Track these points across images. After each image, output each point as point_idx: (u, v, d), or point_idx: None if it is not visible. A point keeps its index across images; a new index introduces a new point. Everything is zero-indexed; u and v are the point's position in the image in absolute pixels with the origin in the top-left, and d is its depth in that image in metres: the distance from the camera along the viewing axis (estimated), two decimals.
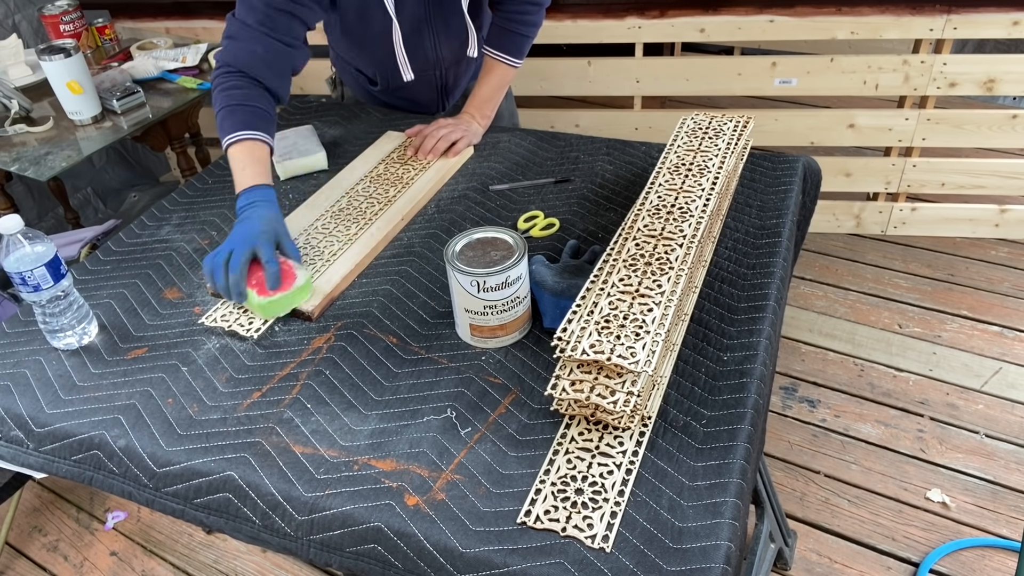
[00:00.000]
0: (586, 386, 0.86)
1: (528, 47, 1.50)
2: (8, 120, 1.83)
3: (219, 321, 1.09)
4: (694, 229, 1.04)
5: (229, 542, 1.79)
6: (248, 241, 1.07)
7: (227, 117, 1.18)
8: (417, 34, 1.42)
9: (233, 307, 1.11)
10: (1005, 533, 1.68)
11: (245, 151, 1.17)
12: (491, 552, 0.78)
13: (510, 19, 1.45)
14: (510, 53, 1.47)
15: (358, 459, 0.89)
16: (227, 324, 1.08)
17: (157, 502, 0.91)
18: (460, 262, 0.97)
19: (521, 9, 1.44)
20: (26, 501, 1.92)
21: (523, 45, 1.48)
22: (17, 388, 1.02)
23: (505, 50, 1.47)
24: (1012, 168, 2.38)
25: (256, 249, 1.07)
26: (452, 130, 1.42)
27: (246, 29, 1.20)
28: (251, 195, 1.14)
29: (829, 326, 2.24)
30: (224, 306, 1.11)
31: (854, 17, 2.17)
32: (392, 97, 1.61)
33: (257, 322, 1.08)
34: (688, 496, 0.82)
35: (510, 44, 1.47)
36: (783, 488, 1.80)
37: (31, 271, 0.99)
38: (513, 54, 1.47)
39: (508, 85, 1.53)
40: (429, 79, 1.54)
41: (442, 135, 1.40)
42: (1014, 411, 1.95)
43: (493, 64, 1.48)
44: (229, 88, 1.20)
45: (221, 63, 1.22)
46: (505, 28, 1.46)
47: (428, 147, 1.40)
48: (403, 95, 1.59)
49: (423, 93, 1.58)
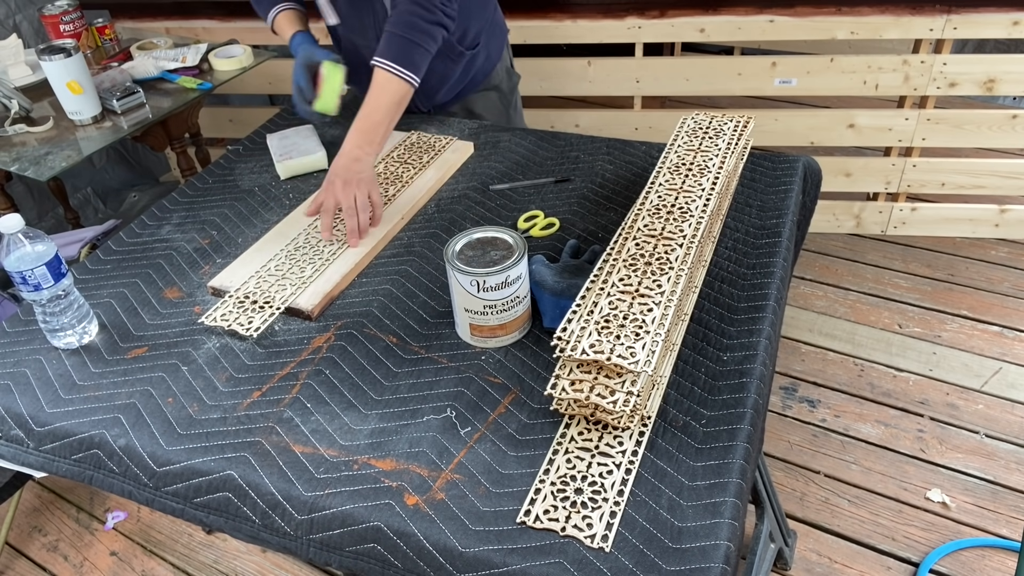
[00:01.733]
0: (586, 386, 0.86)
1: (422, 60, 1.30)
2: (8, 120, 1.83)
3: (219, 320, 1.09)
4: (694, 229, 1.04)
5: (229, 542, 1.79)
6: (295, 74, 1.42)
7: None
8: None
9: (232, 307, 1.11)
10: (1005, 533, 1.68)
11: (284, 17, 1.50)
12: (490, 552, 0.78)
13: (397, 21, 1.29)
14: (397, 61, 1.27)
15: (358, 458, 0.89)
16: (227, 323, 1.08)
17: (157, 501, 0.92)
18: (460, 262, 0.97)
19: (408, 9, 1.28)
20: (26, 501, 1.92)
21: (411, 52, 1.27)
22: (17, 387, 1.02)
23: (392, 58, 1.27)
24: (1012, 168, 2.38)
25: (294, 77, 1.41)
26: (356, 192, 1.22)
27: None
28: (291, 43, 1.47)
29: (829, 326, 2.24)
30: (224, 305, 1.11)
31: (854, 17, 2.17)
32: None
33: (257, 321, 1.08)
34: (687, 496, 0.82)
35: (398, 50, 1.27)
36: (783, 488, 1.81)
37: (32, 270, 0.99)
38: (402, 63, 1.27)
39: (402, 107, 1.30)
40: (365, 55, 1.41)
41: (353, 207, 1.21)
42: (1014, 411, 1.94)
43: (382, 77, 1.27)
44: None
45: None
46: (392, 32, 1.29)
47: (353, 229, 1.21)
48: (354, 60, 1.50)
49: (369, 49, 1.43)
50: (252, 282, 1.15)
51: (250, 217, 1.32)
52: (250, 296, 1.12)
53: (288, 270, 1.17)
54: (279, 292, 1.12)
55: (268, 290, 1.13)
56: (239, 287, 1.14)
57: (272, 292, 1.13)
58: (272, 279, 1.15)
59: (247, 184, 1.42)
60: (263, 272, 1.17)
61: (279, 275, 1.16)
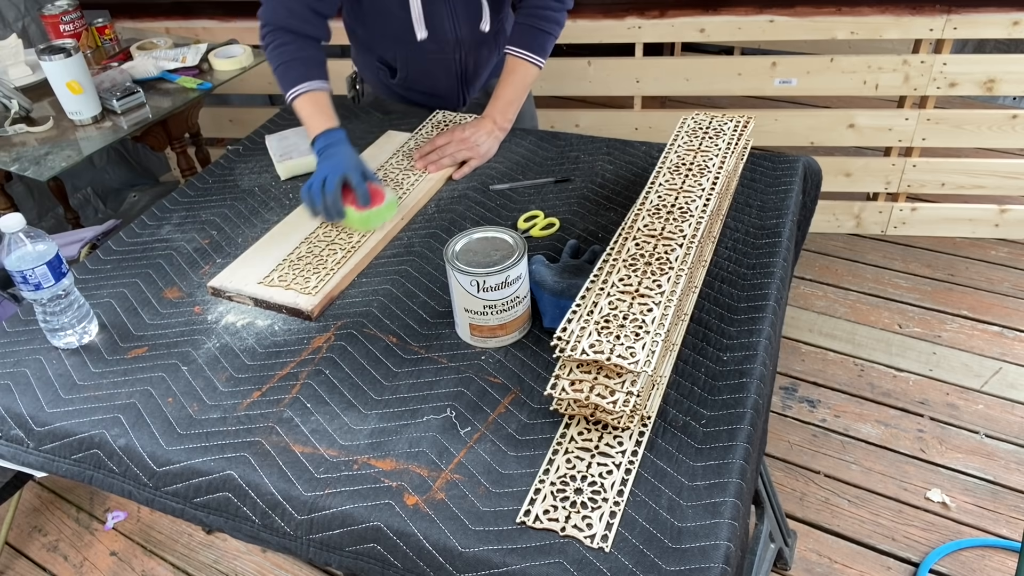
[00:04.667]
0: (585, 386, 0.86)
1: (551, 46, 1.48)
2: (8, 120, 1.83)
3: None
4: (694, 229, 1.04)
5: (229, 542, 1.79)
6: (338, 169, 1.21)
7: (284, 74, 1.33)
8: (434, 9, 1.43)
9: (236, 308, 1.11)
10: (1005, 533, 1.68)
11: (308, 102, 1.31)
12: (490, 552, 0.78)
13: (532, 15, 1.45)
14: (532, 51, 1.45)
15: (358, 458, 0.89)
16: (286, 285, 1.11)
17: (157, 501, 0.92)
18: (460, 262, 0.97)
19: (544, 4, 1.45)
20: (26, 501, 1.92)
21: (546, 43, 1.47)
22: (17, 387, 1.02)
23: (528, 47, 1.45)
24: (1012, 168, 2.38)
25: (346, 176, 1.20)
26: (465, 148, 1.40)
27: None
28: (328, 137, 1.28)
29: (829, 326, 2.24)
30: (224, 305, 1.11)
31: (854, 17, 2.17)
32: (411, 90, 1.59)
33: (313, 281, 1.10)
34: (687, 496, 0.82)
35: (532, 41, 1.45)
36: (783, 488, 1.81)
37: (32, 270, 0.99)
38: (536, 52, 1.46)
39: (530, 86, 1.51)
40: (448, 64, 1.52)
41: (450, 152, 1.39)
42: (1014, 411, 1.95)
43: (515, 63, 1.46)
44: (278, 46, 1.33)
45: (263, 21, 1.34)
46: (528, 25, 1.46)
47: (435, 160, 1.39)
48: (422, 87, 1.58)
49: (442, 81, 1.56)
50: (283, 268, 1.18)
51: (250, 217, 1.32)
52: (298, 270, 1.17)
53: (310, 262, 1.19)
54: (316, 273, 1.16)
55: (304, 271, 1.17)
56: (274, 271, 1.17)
57: (309, 274, 1.16)
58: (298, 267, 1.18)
59: (247, 184, 1.42)
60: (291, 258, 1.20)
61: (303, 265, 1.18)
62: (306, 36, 1.34)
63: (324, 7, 1.34)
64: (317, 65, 1.34)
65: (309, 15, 1.33)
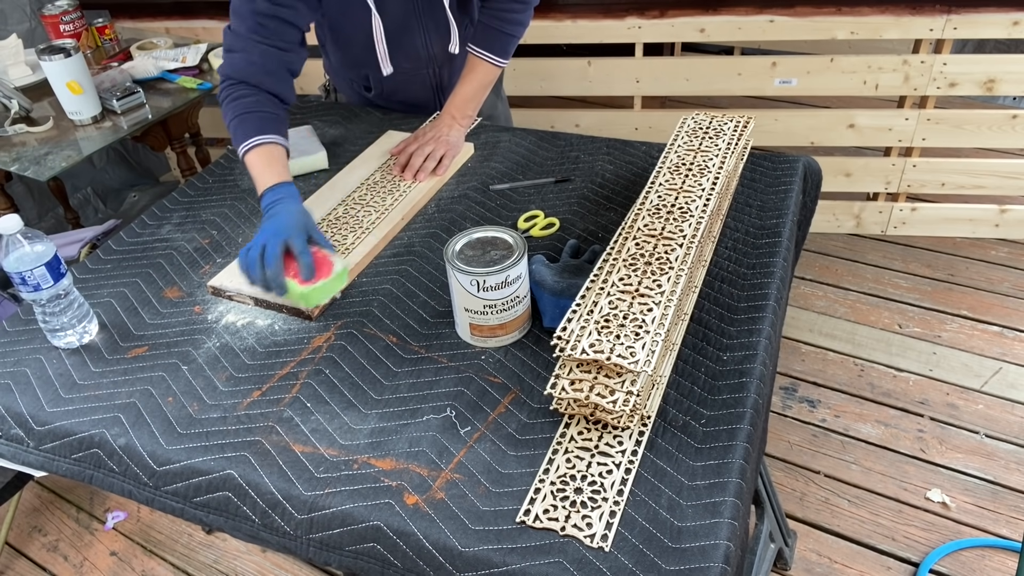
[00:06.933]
0: (585, 385, 0.86)
1: (513, 46, 1.47)
2: (8, 120, 1.83)
3: None
4: (694, 229, 1.04)
5: (229, 542, 1.79)
6: (279, 234, 1.07)
7: (238, 127, 1.20)
8: (406, 30, 1.42)
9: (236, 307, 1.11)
10: (1005, 533, 1.68)
11: (261, 155, 1.19)
12: (490, 551, 0.78)
13: (495, 16, 1.42)
14: (494, 52, 1.44)
15: (358, 458, 0.89)
16: None
17: (157, 501, 0.92)
18: (460, 261, 0.97)
19: (506, 7, 1.42)
20: (26, 501, 1.92)
21: (508, 44, 1.45)
22: (17, 387, 1.02)
23: (489, 48, 1.43)
24: (1012, 168, 2.38)
25: (288, 241, 1.06)
26: (435, 146, 1.39)
27: (240, 39, 1.22)
28: (275, 193, 1.15)
29: (829, 326, 2.24)
30: (224, 304, 1.11)
31: (854, 17, 2.17)
32: (388, 101, 1.61)
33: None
34: (687, 496, 0.82)
35: (494, 42, 1.43)
36: (783, 488, 1.80)
37: (31, 271, 0.99)
38: (497, 53, 1.44)
39: (491, 85, 1.49)
40: (423, 78, 1.54)
41: (427, 153, 1.38)
42: (1014, 411, 1.94)
43: (476, 63, 1.45)
44: (236, 99, 1.22)
45: (223, 76, 1.24)
46: (490, 26, 1.43)
47: (415, 166, 1.36)
48: (399, 98, 1.59)
49: (418, 93, 1.57)
50: None
51: (250, 217, 1.32)
52: None
53: None
54: None
55: None
56: None
57: None
58: None
59: (247, 184, 1.42)
60: None
61: None
62: (269, 93, 1.23)
63: (293, 23, 1.24)
64: (275, 122, 1.23)
65: (274, 66, 1.22)
